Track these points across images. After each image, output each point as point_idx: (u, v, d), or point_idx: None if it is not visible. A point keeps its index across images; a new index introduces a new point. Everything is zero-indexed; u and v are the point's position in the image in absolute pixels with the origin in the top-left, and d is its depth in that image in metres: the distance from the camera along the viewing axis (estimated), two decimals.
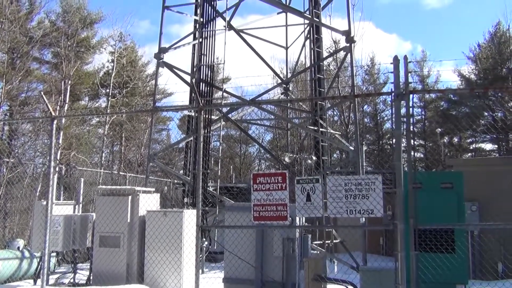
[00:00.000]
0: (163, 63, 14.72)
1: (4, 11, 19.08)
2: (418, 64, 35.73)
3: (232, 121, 15.73)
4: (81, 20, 26.29)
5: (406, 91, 5.58)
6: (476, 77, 31.94)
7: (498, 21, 31.45)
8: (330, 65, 28.25)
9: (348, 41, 12.99)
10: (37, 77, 25.00)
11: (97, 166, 23.56)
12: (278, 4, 15.52)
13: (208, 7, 14.24)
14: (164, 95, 33.74)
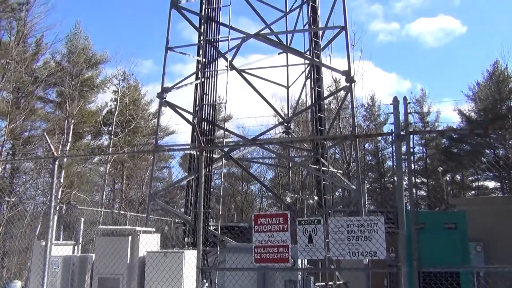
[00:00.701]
0: (165, 103, 14.86)
1: (10, 52, 19.49)
2: (418, 102, 36.12)
3: (233, 160, 15.73)
4: (86, 60, 26.80)
5: (406, 131, 5.60)
6: (476, 115, 32.15)
7: (496, 61, 32.00)
8: (331, 104, 28.53)
9: (348, 81, 13.14)
10: (41, 116, 25.26)
11: (97, 204, 23.44)
12: (279, 45, 15.81)
13: (210, 48, 14.51)
14: (166, 133, 33.96)
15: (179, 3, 14.11)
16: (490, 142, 28.87)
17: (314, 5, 14.82)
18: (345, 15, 12.70)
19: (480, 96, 31.66)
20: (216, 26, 14.06)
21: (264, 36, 14.32)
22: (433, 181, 33.74)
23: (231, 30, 13.97)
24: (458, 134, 31.02)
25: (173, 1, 14.02)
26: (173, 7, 14.02)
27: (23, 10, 20.48)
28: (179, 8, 14.18)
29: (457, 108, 33.03)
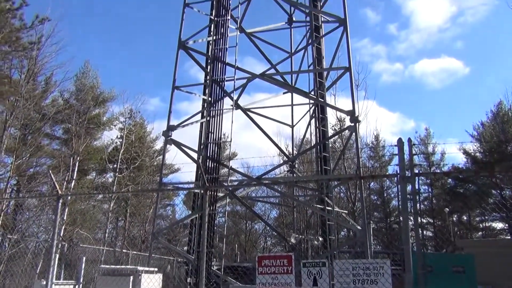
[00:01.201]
0: (171, 141, 14.96)
1: (20, 90, 19.82)
2: (422, 142, 36.11)
3: (238, 199, 15.66)
4: (94, 98, 27.21)
5: (411, 173, 5.59)
6: (482, 156, 32.05)
7: (500, 101, 32.18)
8: (335, 142, 28.57)
9: (353, 121, 13.22)
10: (47, 152, 25.43)
11: (100, 242, 23.20)
12: (284, 85, 16.03)
13: (216, 87, 14.71)
14: (171, 170, 33.97)
15: (186, 44, 14.43)
16: (497, 183, 28.64)
17: (319, 46, 15.10)
18: (349, 57, 12.91)
19: (485, 137, 31.66)
20: (222, 66, 14.31)
21: (269, 76, 14.54)
22: (439, 221, 33.30)
23: (237, 70, 14.21)
24: (464, 175, 30.85)
25: (181, 42, 14.34)
26: (180, 47, 14.33)
27: (34, 49, 20.94)
28: (186, 48, 14.48)
29: (462, 148, 32.99)
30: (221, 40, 14.43)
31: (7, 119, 19.47)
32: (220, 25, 14.55)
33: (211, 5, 15.68)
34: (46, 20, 20.75)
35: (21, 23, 20.40)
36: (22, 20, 20.53)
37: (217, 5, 14.69)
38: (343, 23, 13.11)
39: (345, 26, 13.10)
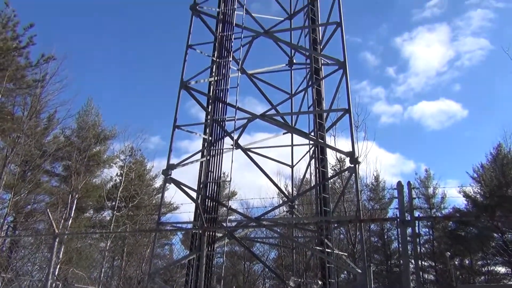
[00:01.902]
0: (170, 180, 14.92)
1: (22, 127, 19.98)
2: (422, 183, 36.01)
3: (236, 239, 15.47)
4: (95, 136, 27.37)
5: (411, 217, 5.56)
6: (482, 198, 31.87)
7: (499, 143, 32.31)
8: (335, 183, 28.48)
9: (352, 162, 13.23)
10: (45, 189, 25.35)
11: (95, 282, 22.74)
12: (284, 126, 16.14)
13: (217, 127, 14.82)
14: (169, 209, 33.72)
15: (188, 84, 14.65)
16: (498, 226, 28.36)
17: (319, 88, 15.32)
18: (349, 99, 13.07)
19: (485, 179, 31.60)
20: (223, 106, 14.46)
21: (269, 117, 14.66)
22: (441, 265, 32.74)
23: (238, 110, 14.35)
24: (465, 219, 30.59)
25: (183, 82, 14.56)
26: (182, 87, 14.53)
27: (38, 87, 21.26)
28: (188, 88, 14.69)
29: (463, 190, 32.86)
30: (222, 80, 14.65)
31: (8, 155, 19.51)
32: (222, 66, 14.81)
33: (213, 47, 16.01)
34: (51, 59, 21.22)
35: (26, 62, 20.86)
36: (28, 59, 21.00)
37: (219, 47, 15.00)
38: (343, 66, 13.34)
39: (344, 68, 13.32)
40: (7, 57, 19.62)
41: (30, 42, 20.48)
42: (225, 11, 15.17)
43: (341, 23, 13.68)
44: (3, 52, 19.08)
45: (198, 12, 15.08)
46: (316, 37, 16.12)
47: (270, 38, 15.45)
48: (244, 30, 14.91)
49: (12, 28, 20.52)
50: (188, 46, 15.18)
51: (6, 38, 20.09)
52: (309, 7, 16.23)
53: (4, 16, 20.35)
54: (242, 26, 14.87)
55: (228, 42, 14.87)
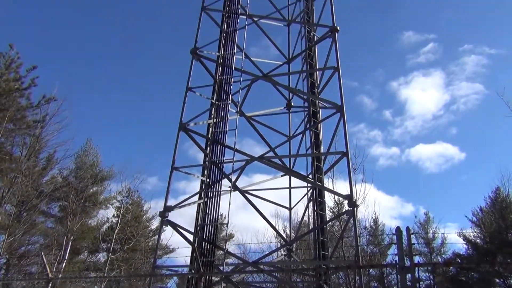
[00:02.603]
0: (167, 222, 14.77)
1: (20, 167, 19.95)
2: (422, 227, 35.67)
3: (233, 284, 15.15)
4: (93, 176, 27.29)
5: (411, 264, 5.49)
6: (482, 242, 31.51)
7: (497, 187, 32.25)
8: (334, 225, 28.19)
9: (351, 206, 13.16)
10: (40, 230, 25.01)
11: None
12: (282, 168, 16.16)
13: (215, 169, 14.81)
14: (165, 251, 33.17)
15: (187, 126, 14.76)
16: (499, 271, 27.90)
17: (317, 131, 15.44)
18: (346, 142, 13.15)
19: (484, 223, 31.36)
20: (221, 149, 14.51)
21: (267, 159, 14.72)
22: None
23: (236, 152, 14.39)
24: (466, 259, 30.13)
25: (181, 124, 14.68)
26: (181, 129, 14.63)
27: (38, 127, 21.41)
28: (187, 130, 14.79)
29: (462, 234, 32.52)
30: (221, 123, 14.77)
31: (4, 195, 19.38)
32: (220, 109, 14.97)
33: (212, 90, 16.25)
34: (52, 100, 21.47)
35: (27, 102, 21.10)
36: (29, 99, 21.27)
37: (219, 89, 15.23)
38: (340, 109, 13.49)
39: (342, 112, 13.47)
40: (9, 98, 19.86)
41: (32, 84, 20.81)
42: (224, 55, 15.49)
43: (338, 68, 13.95)
44: (5, 93, 19.34)
45: (199, 56, 15.40)
46: (313, 81, 16.40)
47: (269, 81, 15.71)
48: (243, 74, 15.17)
49: (15, 69, 20.89)
50: (188, 88, 15.40)
51: (9, 79, 20.40)
52: (307, 52, 16.60)
53: (8, 58, 20.75)
54: (241, 70, 15.14)
55: (227, 85, 15.11)
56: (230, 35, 15.69)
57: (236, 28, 15.69)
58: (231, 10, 15.95)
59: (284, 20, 18.29)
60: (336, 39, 14.30)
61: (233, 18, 15.81)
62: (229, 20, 15.89)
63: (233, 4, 15.98)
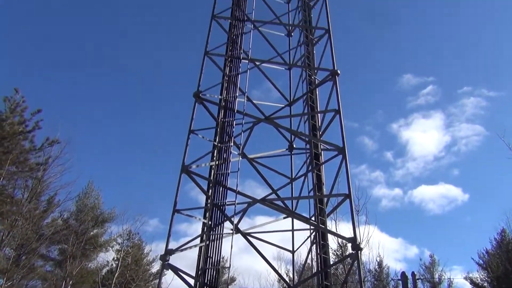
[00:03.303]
0: (168, 265, 14.53)
1: (21, 209, 19.85)
2: (427, 269, 34.97)
3: None
4: (93, 218, 27.09)
5: None
6: (490, 286, 30.80)
7: (502, 229, 31.86)
8: (338, 269, 27.65)
9: (354, 249, 12.96)
10: (39, 274, 24.59)
11: None
12: (284, 210, 16.04)
13: (217, 211, 14.71)
14: None
15: (189, 168, 14.78)
16: None
17: (319, 173, 15.43)
18: (349, 184, 13.11)
19: (491, 266, 30.76)
20: (223, 191, 14.46)
21: (270, 202, 14.64)
22: None
23: (238, 194, 14.34)
24: None
25: (184, 167, 14.71)
26: (183, 172, 14.65)
27: (40, 170, 21.45)
28: (189, 173, 14.79)
29: (469, 277, 31.85)
30: (223, 165, 14.79)
31: (3, 239, 19.18)
32: (223, 151, 15.04)
33: (215, 132, 16.35)
34: (55, 143, 21.63)
35: (31, 145, 21.24)
36: (32, 142, 21.42)
37: (221, 132, 15.34)
38: (342, 152, 13.53)
39: (344, 154, 13.50)
40: (12, 140, 20.01)
41: (36, 127, 21.02)
42: (227, 98, 15.70)
43: (339, 110, 14.11)
44: (9, 136, 19.51)
45: (201, 99, 15.61)
46: (315, 123, 16.55)
47: (271, 124, 15.85)
48: (245, 116, 15.31)
49: (20, 113, 21.15)
50: (191, 131, 15.52)
51: (13, 123, 20.63)
52: (308, 95, 16.83)
53: (13, 102, 21.06)
54: (243, 113, 15.30)
55: (229, 128, 15.23)
56: (233, 79, 15.96)
57: (238, 72, 15.98)
58: (234, 54, 16.29)
59: (286, 64, 18.65)
60: (336, 82, 14.54)
61: (236, 62, 16.14)
62: (232, 64, 16.21)
63: (235, 49, 16.34)
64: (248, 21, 17.24)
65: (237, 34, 16.73)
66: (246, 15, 17.31)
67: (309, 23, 18.61)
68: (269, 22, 18.41)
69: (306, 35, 18.15)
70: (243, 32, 16.83)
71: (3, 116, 20.63)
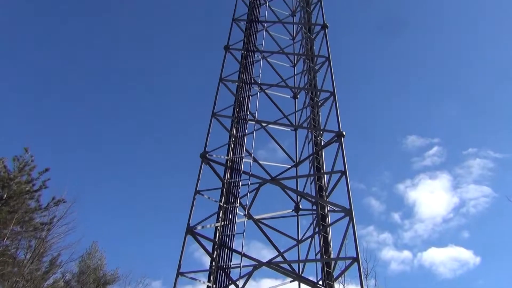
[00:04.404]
0: None
1: (22, 271, 19.50)
2: None
3: None
4: (95, 280, 26.49)
5: None
6: None
7: None
8: None
9: None
10: None
11: None
12: (291, 274, 15.62)
13: (222, 274, 14.37)
14: None
15: (194, 229, 14.62)
16: None
17: (326, 235, 15.19)
18: (357, 248, 12.84)
19: None
20: (228, 253, 14.21)
21: (276, 265, 14.33)
22: None
23: (244, 257, 14.06)
24: None
25: (189, 228, 14.57)
26: (188, 233, 14.48)
27: (45, 229, 21.31)
28: (194, 234, 14.63)
29: None
30: (229, 226, 14.62)
31: None
32: (228, 212, 14.92)
33: (220, 193, 16.29)
34: (61, 202, 21.61)
35: (36, 205, 21.25)
36: (38, 202, 21.45)
37: (227, 193, 15.30)
38: (349, 213, 13.36)
39: (351, 216, 13.32)
40: (19, 200, 20.04)
41: (43, 186, 21.14)
42: (233, 159, 15.80)
43: (345, 171, 14.09)
44: (15, 195, 19.58)
45: (208, 160, 15.69)
46: (321, 184, 16.50)
47: (277, 185, 15.83)
48: (251, 177, 15.32)
49: (28, 172, 21.34)
50: (196, 191, 15.49)
51: (21, 182, 20.76)
52: (314, 156, 16.91)
53: (22, 161, 21.31)
54: (249, 174, 15.32)
55: (235, 189, 15.20)
56: (239, 140, 16.14)
57: (245, 133, 16.17)
58: (241, 116, 16.57)
59: (292, 125, 18.88)
60: (342, 144, 14.62)
61: (242, 123, 16.38)
62: (238, 125, 16.44)
63: (242, 111, 16.64)
64: (255, 84, 17.66)
65: (244, 96, 17.11)
66: (253, 78, 17.77)
67: (314, 86, 19.04)
68: (275, 85, 18.83)
69: (312, 97, 18.52)
70: (250, 94, 17.21)
71: (12, 175, 20.81)
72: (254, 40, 18.92)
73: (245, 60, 18.09)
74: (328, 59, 17.65)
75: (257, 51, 18.66)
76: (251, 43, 18.75)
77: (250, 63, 18.05)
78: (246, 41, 18.78)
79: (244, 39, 18.99)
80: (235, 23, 19.53)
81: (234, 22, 19.48)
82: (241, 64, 18.11)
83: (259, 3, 20.41)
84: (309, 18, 21.25)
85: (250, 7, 20.23)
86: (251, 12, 19.97)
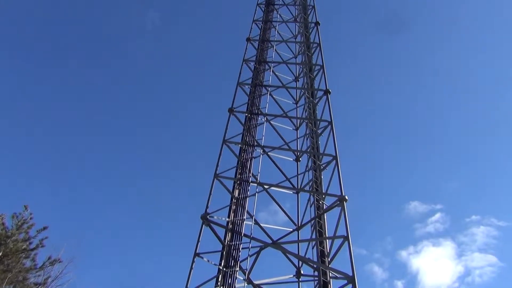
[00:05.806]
0: None
1: None
2: None
3: None
4: None
5: None
6: None
7: None
8: None
9: None
10: None
11: None
12: None
13: None
14: None
15: None
16: None
17: None
18: None
19: None
20: None
21: None
22: None
23: None
24: None
25: None
26: None
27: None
28: None
29: None
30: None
31: None
32: (228, 276, 14.53)
33: (220, 256, 15.94)
34: (57, 262, 21.13)
35: (32, 264, 20.79)
36: (34, 261, 20.99)
37: (227, 256, 14.97)
38: (352, 281, 12.95)
39: (353, 284, 12.92)
40: (14, 258, 19.64)
41: (40, 245, 20.79)
42: (234, 221, 15.59)
43: (348, 237, 13.83)
44: (11, 253, 19.20)
45: (208, 222, 15.50)
46: (323, 249, 16.14)
47: (278, 249, 15.51)
48: (252, 241, 15.04)
49: (26, 230, 21.07)
50: (196, 254, 15.18)
51: (18, 240, 20.44)
52: (316, 220, 16.70)
53: (20, 219, 21.10)
54: (250, 237, 15.06)
55: (236, 252, 14.90)
56: (241, 202, 16.02)
57: (247, 195, 16.08)
58: (243, 178, 16.55)
59: (294, 188, 18.78)
60: (344, 208, 14.46)
61: (244, 185, 16.33)
62: (240, 187, 16.38)
63: (244, 173, 16.64)
64: (258, 146, 17.79)
65: (247, 158, 17.18)
66: (256, 140, 17.93)
67: (317, 149, 19.15)
68: (278, 148, 18.94)
69: (314, 161, 18.58)
70: (252, 156, 17.29)
71: (9, 232, 20.52)
72: (258, 103, 19.29)
73: (248, 122, 18.34)
74: (331, 123, 17.85)
75: (261, 114, 18.97)
76: (255, 106, 19.10)
77: (253, 125, 18.29)
78: (250, 104, 19.13)
79: (248, 102, 19.36)
80: (240, 86, 19.98)
81: (239, 86, 19.93)
82: (244, 126, 18.33)
83: (264, 69, 21.03)
84: (311, 83, 21.74)
85: (254, 72, 20.80)
86: (256, 76, 20.52)
